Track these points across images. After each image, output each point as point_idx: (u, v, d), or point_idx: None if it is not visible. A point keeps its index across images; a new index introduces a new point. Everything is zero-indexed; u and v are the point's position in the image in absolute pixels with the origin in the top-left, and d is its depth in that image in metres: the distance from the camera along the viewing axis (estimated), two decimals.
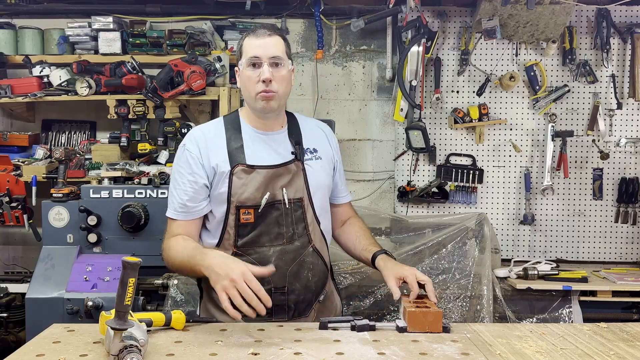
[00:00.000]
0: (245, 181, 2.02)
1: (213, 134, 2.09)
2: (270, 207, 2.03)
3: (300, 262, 2.08)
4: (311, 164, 2.13)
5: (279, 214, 2.04)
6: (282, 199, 2.04)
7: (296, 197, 2.07)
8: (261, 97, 2.00)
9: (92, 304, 2.87)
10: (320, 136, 2.23)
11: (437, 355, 1.59)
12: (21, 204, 3.46)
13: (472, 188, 3.75)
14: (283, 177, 2.06)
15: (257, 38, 2.01)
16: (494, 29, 3.45)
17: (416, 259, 3.32)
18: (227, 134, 2.09)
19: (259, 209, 2.02)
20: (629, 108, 3.70)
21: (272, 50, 2.00)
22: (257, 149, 2.08)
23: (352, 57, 3.96)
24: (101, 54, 3.70)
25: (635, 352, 1.63)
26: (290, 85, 2.11)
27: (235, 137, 2.08)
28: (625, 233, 3.74)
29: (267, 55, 1.99)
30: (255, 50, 1.99)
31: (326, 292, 2.19)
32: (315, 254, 2.12)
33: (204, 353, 1.58)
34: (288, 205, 2.05)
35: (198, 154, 2.04)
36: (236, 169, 2.02)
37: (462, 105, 3.75)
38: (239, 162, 2.03)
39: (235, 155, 2.04)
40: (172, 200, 2.08)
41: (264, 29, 2.05)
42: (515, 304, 3.27)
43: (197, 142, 2.06)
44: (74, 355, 1.57)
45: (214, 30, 3.85)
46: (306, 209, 2.09)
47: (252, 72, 2.00)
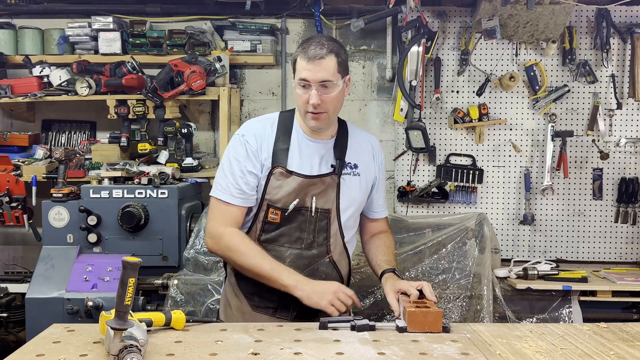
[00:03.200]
0: (281, 184, 2.07)
1: (268, 128, 2.13)
2: (296, 212, 2.08)
3: (314, 269, 2.13)
4: (348, 179, 2.15)
5: (303, 220, 2.09)
6: (309, 206, 2.09)
7: (324, 208, 2.11)
8: (311, 116, 2.04)
9: (92, 304, 2.87)
10: (366, 152, 2.23)
11: (437, 355, 1.59)
12: (21, 204, 3.46)
13: (472, 188, 3.75)
14: (316, 186, 2.10)
15: (308, 61, 1.98)
16: (494, 29, 3.45)
17: (416, 259, 3.32)
18: (278, 132, 2.12)
19: (286, 212, 2.07)
20: (629, 108, 3.70)
21: (322, 75, 1.98)
22: (301, 154, 2.11)
23: (352, 57, 3.96)
24: (101, 54, 3.70)
25: (635, 352, 1.63)
26: (341, 101, 2.10)
27: (284, 138, 2.11)
28: (625, 233, 3.74)
29: (316, 80, 1.98)
30: (306, 73, 1.98)
31: None
32: (332, 266, 2.17)
33: (204, 353, 1.58)
34: (314, 214, 2.09)
35: (255, 147, 2.09)
36: (275, 170, 2.08)
37: (462, 105, 3.75)
38: (280, 164, 2.08)
39: (279, 156, 2.08)
40: (228, 185, 2.08)
41: (317, 47, 1.98)
42: (515, 304, 3.27)
43: (255, 135, 2.11)
44: (74, 355, 1.57)
45: (214, 30, 3.85)
46: (332, 220, 2.13)
47: (302, 93, 2.01)
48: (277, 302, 2.13)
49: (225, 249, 2.07)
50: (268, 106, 3.95)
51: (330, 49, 1.99)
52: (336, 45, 2.04)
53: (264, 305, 2.15)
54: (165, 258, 3.19)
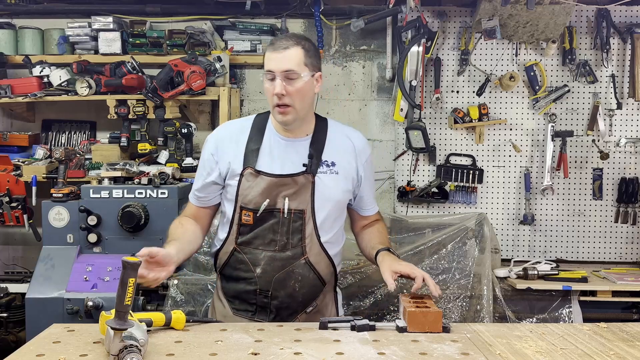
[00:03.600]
0: (251, 185, 2.06)
1: (237, 132, 2.14)
2: (268, 213, 2.06)
3: (289, 271, 2.09)
4: (324, 177, 2.10)
5: (275, 222, 2.07)
6: (281, 207, 2.06)
7: (298, 209, 2.07)
8: (277, 110, 2.03)
9: (92, 304, 2.87)
10: (345, 149, 2.18)
11: (437, 355, 1.59)
12: (21, 204, 3.46)
13: (472, 188, 3.75)
14: (288, 187, 2.07)
15: (273, 51, 1.99)
16: (494, 29, 3.45)
17: (416, 259, 3.32)
18: (250, 133, 2.13)
19: (257, 212, 2.06)
20: (629, 108, 3.70)
21: (286, 64, 1.97)
22: (273, 153, 2.09)
23: (352, 57, 3.96)
24: (101, 54, 3.70)
25: (635, 352, 1.63)
26: (310, 95, 2.07)
27: (256, 139, 2.11)
28: (625, 233, 3.74)
29: (280, 69, 1.98)
30: (270, 64, 1.99)
31: (316, 305, 2.18)
32: (308, 267, 2.11)
33: (204, 353, 1.58)
34: (287, 215, 2.06)
35: (215, 150, 2.12)
36: (245, 171, 2.07)
37: (462, 105, 3.75)
38: (249, 165, 2.07)
39: (249, 157, 2.08)
40: (193, 184, 2.22)
41: (284, 39, 2.02)
42: (515, 304, 3.27)
43: (217, 139, 2.14)
44: (74, 355, 1.57)
45: (214, 30, 3.86)
46: (307, 221, 2.08)
47: (269, 85, 2.02)
48: (255, 305, 2.12)
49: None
50: (268, 106, 3.93)
51: (297, 41, 2.00)
52: (305, 41, 2.04)
53: (243, 308, 2.14)
54: None
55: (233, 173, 2.09)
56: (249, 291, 2.10)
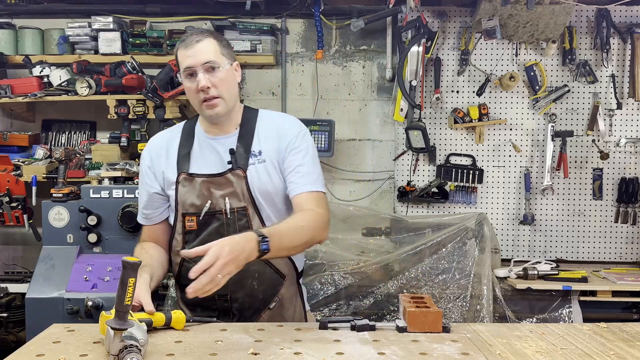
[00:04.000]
0: (188, 189, 2.01)
1: (167, 141, 2.09)
2: (211, 216, 2.00)
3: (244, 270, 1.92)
4: (254, 169, 2.01)
5: (219, 224, 1.99)
6: (222, 208, 1.99)
7: (240, 207, 2.00)
8: (205, 106, 1.97)
9: (92, 304, 2.87)
10: (270, 134, 2.07)
11: (437, 355, 1.59)
12: (21, 204, 3.46)
13: (472, 188, 3.75)
14: (224, 186, 2.00)
15: (187, 48, 1.95)
16: (494, 29, 3.45)
17: (416, 259, 3.32)
18: (181, 139, 2.08)
19: (200, 216, 2.00)
20: (629, 108, 3.70)
21: (204, 56, 1.93)
22: (203, 155, 2.04)
23: (352, 57, 3.96)
24: (101, 54, 3.70)
25: (635, 352, 1.63)
26: (234, 84, 2.03)
27: (186, 144, 2.07)
28: (625, 233, 3.74)
29: (199, 63, 1.93)
30: (188, 60, 1.94)
31: (278, 300, 2.10)
32: (263, 263, 2.00)
33: (204, 353, 1.58)
34: (230, 215, 1.99)
35: (150, 162, 2.09)
36: (180, 177, 2.02)
37: (462, 105, 3.75)
38: (183, 170, 2.02)
39: (182, 162, 2.04)
40: (139, 207, 2.16)
41: (193, 35, 1.98)
42: (515, 304, 3.27)
43: (149, 151, 2.11)
44: (74, 355, 1.57)
45: (214, 30, 3.85)
46: (251, 217, 2.00)
47: (191, 83, 1.95)
48: (217, 311, 2.05)
49: None
50: (268, 106, 3.95)
51: (208, 34, 1.99)
52: (215, 33, 2.05)
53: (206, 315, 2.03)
54: None
55: (169, 182, 2.04)
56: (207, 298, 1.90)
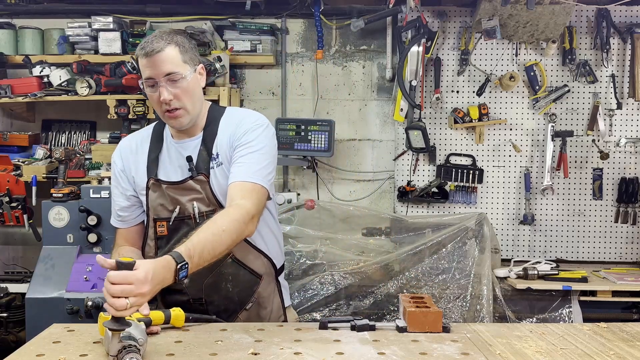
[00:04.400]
0: (157, 195, 1.99)
1: (138, 144, 2.05)
2: (181, 221, 1.98)
3: (217, 273, 1.99)
4: (214, 173, 1.97)
5: (189, 229, 1.92)
6: (191, 213, 1.96)
7: (209, 210, 1.96)
8: (168, 116, 1.91)
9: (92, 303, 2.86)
10: (226, 133, 1.99)
11: (437, 355, 1.59)
12: (21, 204, 3.46)
13: (472, 188, 3.75)
14: (190, 192, 1.97)
15: (146, 56, 1.83)
16: (494, 29, 3.45)
17: (416, 259, 3.32)
18: (151, 143, 2.04)
19: (170, 221, 1.98)
20: (629, 108, 3.70)
21: (165, 67, 1.83)
22: (171, 159, 2.00)
23: (352, 57, 3.96)
24: (101, 54, 3.70)
25: (635, 352, 1.63)
26: (198, 91, 1.95)
27: (155, 147, 2.03)
28: (625, 233, 3.74)
29: (160, 75, 1.84)
30: (148, 71, 1.85)
31: (255, 300, 2.07)
32: (236, 264, 2.00)
33: (204, 353, 1.58)
34: (199, 219, 1.95)
35: (122, 165, 2.05)
36: (150, 182, 2.00)
37: (462, 105, 3.75)
38: (151, 176, 2.00)
39: (151, 167, 2.01)
40: (112, 209, 2.12)
41: (154, 41, 1.84)
42: (515, 304, 3.27)
43: (121, 154, 2.07)
44: (74, 355, 1.57)
45: (214, 30, 3.86)
46: None
47: (153, 93, 1.88)
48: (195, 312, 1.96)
49: None
50: (268, 106, 3.95)
51: (169, 39, 1.85)
52: (176, 36, 1.90)
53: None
54: None
55: (140, 187, 2.02)
56: (183, 302, 1.98)
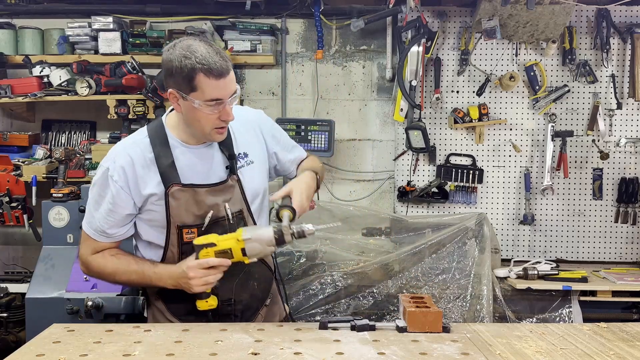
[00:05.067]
0: (183, 201, 1.92)
1: (140, 156, 1.94)
2: (213, 224, 1.95)
3: (247, 272, 2.01)
4: (244, 171, 2.01)
5: (222, 231, 1.93)
6: (225, 214, 1.96)
7: (236, 210, 1.99)
8: (216, 132, 1.90)
9: (92, 303, 2.86)
10: (249, 132, 2.06)
11: (437, 355, 1.59)
12: (21, 204, 3.46)
13: (472, 188, 3.75)
14: (223, 192, 1.96)
15: (216, 78, 1.79)
16: (494, 29, 3.45)
17: (416, 259, 3.32)
18: (155, 150, 1.94)
19: (202, 227, 1.94)
20: (629, 108, 3.70)
21: (232, 87, 1.85)
22: (190, 165, 1.95)
23: (352, 57, 3.96)
24: (101, 54, 3.70)
25: (635, 352, 1.63)
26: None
27: (164, 154, 1.93)
28: (625, 233, 3.74)
29: (228, 95, 1.84)
30: (217, 92, 1.81)
31: (272, 295, 2.14)
32: (260, 261, 2.03)
33: (204, 353, 1.58)
34: (232, 220, 1.97)
35: (124, 183, 1.92)
36: (171, 189, 1.90)
37: (462, 105, 3.75)
38: (174, 182, 1.91)
39: (168, 174, 1.91)
40: (92, 221, 1.98)
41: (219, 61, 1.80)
42: (515, 304, 3.27)
43: (124, 170, 1.92)
44: (74, 355, 1.57)
45: (214, 30, 3.86)
46: (247, 219, 2.01)
47: (211, 111, 1.83)
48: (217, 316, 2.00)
49: (95, 275, 2.02)
50: (268, 106, 3.95)
51: (227, 58, 1.85)
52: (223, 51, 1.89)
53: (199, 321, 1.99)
54: None
55: (154, 197, 1.92)
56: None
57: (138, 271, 1.95)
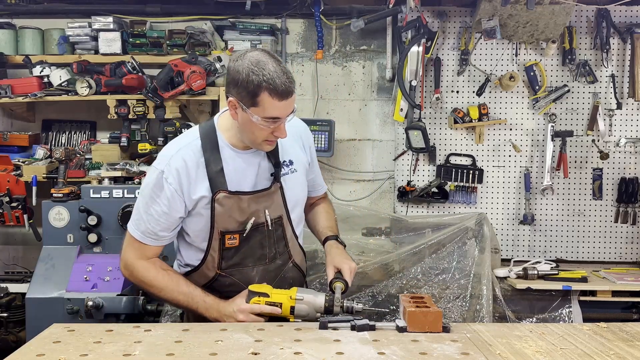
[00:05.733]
0: (228, 207, 1.95)
1: (193, 159, 1.95)
2: (254, 230, 2.01)
3: (282, 278, 2.09)
4: (288, 179, 2.06)
5: (262, 237, 2.03)
6: (264, 221, 2.02)
7: (276, 217, 2.04)
8: (267, 143, 1.94)
9: (92, 304, 2.87)
10: (295, 141, 2.12)
11: (437, 355, 1.59)
12: (21, 204, 3.46)
13: (472, 188, 3.75)
14: (265, 198, 2.01)
15: (280, 99, 1.82)
16: (493, 29, 3.45)
17: (416, 259, 3.32)
18: (205, 155, 1.96)
19: (244, 233, 1.99)
20: (629, 108, 3.70)
21: (292, 107, 1.89)
22: (237, 170, 1.98)
23: (352, 57, 3.96)
24: (101, 54, 3.70)
25: (635, 352, 1.63)
26: None
27: (214, 159, 1.96)
28: (625, 233, 3.74)
29: (287, 114, 1.88)
30: (277, 112, 1.84)
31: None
32: (295, 269, 2.15)
33: (204, 353, 1.58)
34: (271, 226, 2.03)
35: (178, 186, 1.93)
36: (218, 195, 1.94)
37: (462, 105, 3.75)
38: (220, 188, 1.94)
39: (216, 180, 1.94)
40: (140, 223, 1.98)
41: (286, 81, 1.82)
42: (515, 304, 3.27)
43: (178, 174, 1.93)
44: (74, 355, 1.57)
45: (214, 30, 3.86)
46: (285, 226, 2.07)
47: (267, 125, 1.86)
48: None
49: (139, 282, 2.02)
50: None
51: (292, 76, 1.87)
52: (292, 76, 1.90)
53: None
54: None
55: (203, 201, 1.95)
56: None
57: (187, 294, 1.97)
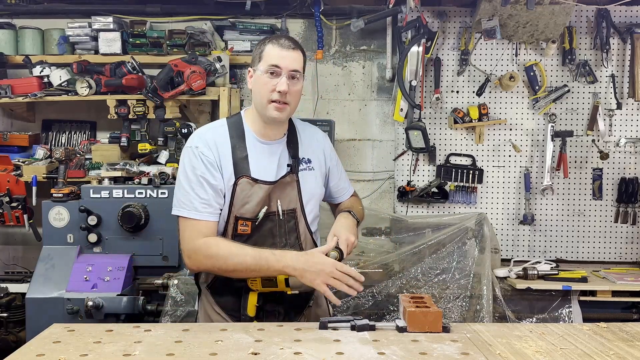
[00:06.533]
0: (248, 194, 2.02)
1: (222, 141, 2.04)
2: (265, 218, 2.05)
3: None
4: (304, 174, 2.13)
5: (273, 226, 2.07)
6: (276, 210, 2.07)
7: (290, 208, 2.10)
8: (274, 106, 1.99)
9: (92, 304, 2.87)
10: (316, 145, 2.22)
11: (437, 355, 1.60)
12: (21, 204, 3.46)
13: (472, 188, 3.75)
14: (279, 188, 2.07)
15: (281, 48, 1.99)
16: (493, 29, 3.45)
17: (416, 259, 3.32)
18: (232, 141, 2.05)
19: (256, 221, 2.04)
20: (629, 108, 3.70)
21: (293, 64, 2.00)
22: (260, 159, 2.06)
23: (352, 57, 3.96)
24: (101, 54, 3.70)
25: (635, 352, 1.63)
26: (300, 98, 2.11)
27: (240, 146, 2.05)
28: (625, 233, 3.74)
29: (287, 68, 1.98)
30: (278, 60, 1.98)
31: (315, 297, 2.19)
32: None
33: (204, 353, 1.58)
34: (282, 216, 2.07)
35: (214, 159, 2.00)
36: (240, 180, 2.01)
37: (462, 105, 3.75)
38: (244, 174, 2.02)
39: (241, 166, 2.02)
40: (190, 200, 1.98)
41: (288, 39, 2.04)
42: (515, 304, 3.27)
43: (210, 147, 2.01)
44: (74, 355, 1.57)
45: (214, 30, 3.86)
46: (299, 219, 2.11)
47: (270, 80, 1.98)
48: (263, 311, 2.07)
49: (205, 260, 1.97)
50: None
51: (298, 44, 2.05)
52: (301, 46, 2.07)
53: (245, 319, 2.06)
54: (166, 258, 3.20)
55: (229, 182, 2.02)
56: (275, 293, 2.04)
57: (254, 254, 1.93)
